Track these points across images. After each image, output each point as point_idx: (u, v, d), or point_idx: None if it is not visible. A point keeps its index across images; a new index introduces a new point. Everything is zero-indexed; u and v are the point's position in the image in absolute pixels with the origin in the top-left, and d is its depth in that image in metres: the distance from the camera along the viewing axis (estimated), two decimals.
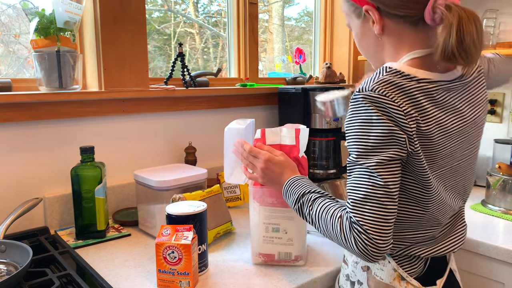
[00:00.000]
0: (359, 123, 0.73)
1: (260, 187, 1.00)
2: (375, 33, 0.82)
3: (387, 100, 0.71)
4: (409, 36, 0.80)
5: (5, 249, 0.98)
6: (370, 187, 0.71)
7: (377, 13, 0.80)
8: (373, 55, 0.88)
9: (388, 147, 0.71)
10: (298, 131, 1.02)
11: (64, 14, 1.20)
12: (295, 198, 0.87)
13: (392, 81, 0.73)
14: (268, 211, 1.00)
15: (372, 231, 0.70)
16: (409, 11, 0.77)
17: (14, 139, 1.21)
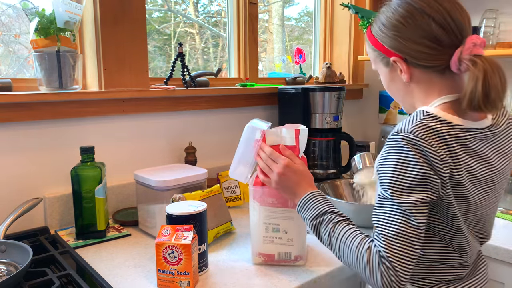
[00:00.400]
0: (396, 162, 0.75)
1: (260, 187, 1.00)
2: (403, 80, 0.86)
3: (425, 143, 0.73)
4: (437, 83, 0.84)
5: (5, 249, 0.98)
6: (403, 225, 0.74)
7: (404, 64, 0.83)
8: (403, 99, 0.92)
9: (422, 189, 0.73)
10: (298, 131, 1.02)
11: (64, 14, 1.20)
12: (315, 214, 0.87)
13: (429, 125, 0.75)
14: (268, 211, 1.00)
15: (400, 269, 0.72)
16: (435, 62, 0.81)
17: (14, 139, 1.21)
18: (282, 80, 2.04)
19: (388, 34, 0.84)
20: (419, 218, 0.73)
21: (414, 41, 0.81)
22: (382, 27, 0.86)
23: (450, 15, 0.79)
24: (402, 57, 0.83)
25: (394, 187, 0.75)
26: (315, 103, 1.64)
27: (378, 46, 0.88)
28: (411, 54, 0.82)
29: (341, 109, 1.67)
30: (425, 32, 0.79)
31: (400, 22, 0.82)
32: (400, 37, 0.82)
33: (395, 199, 0.74)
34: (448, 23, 0.79)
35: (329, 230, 0.84)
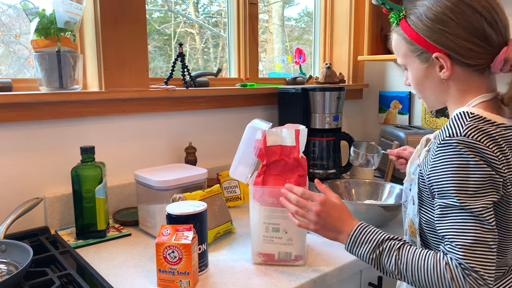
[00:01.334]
0: (456, 168, 0.73)
1: (260, 187, 1.00)
2: (439, 77, 0.84)
3: (482, 146, 0.73)
4: (475, 82, 0.83)
5: (5, 249, 0.98)
6: (478, 231, 0.72)
7: (449, 60, 0.81)
8: (434, 97, 0.89)
9: (489, 191, 0.73)
10: (298, 132, 1.02)
11: (65, 14, 1.20)
12: (372, 246, 0.82)
13: (480, 127, 0.75)
14: (268, 211, 1.00)
15: (487, 275, 0.71)
16: (480, 61, 0.80)
17: (15, 139, 1.22)
18: (282, 80, 2.04)
19: (434, 28, 0.80)
20: (491, 221, 0.73)
21: (464, 38, 0.78)
22: (426, 20, 0.81)
23: (497, 14, 0.78)
24: (447, 53, 0.80)
25: (461, 193, 0.73)
26: (315, 103, 1.64)
27: (419, 40, 0.83)
28: (459, 51, 0.79)
29: (341, 109, 1.67)
30: (476, 30, 0.77)
31: (449, 17, 0.78)
32: (448, 33, 0.79)
33: (465, 205, 0.73)
34: (496, 22, 0.78)
35: (394, 258, 0.79)
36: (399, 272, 0.79)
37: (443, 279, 0.73)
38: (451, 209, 0.75)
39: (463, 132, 0.74)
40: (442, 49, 0.80)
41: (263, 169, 1.03)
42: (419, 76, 0.88)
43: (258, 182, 1.01)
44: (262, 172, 1.02)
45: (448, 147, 0.75)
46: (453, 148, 0.74)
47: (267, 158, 1.02)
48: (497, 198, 0.74)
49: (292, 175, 1.01)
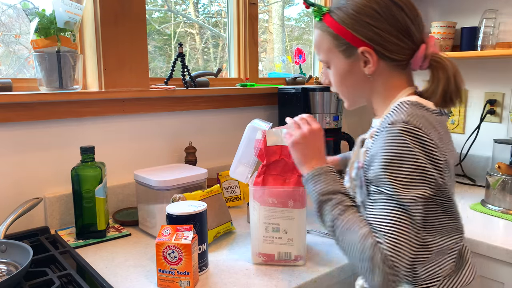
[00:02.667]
0: (393, 154, 0.73)
1: (260, 187, 1.00)
2: (363, 72, 0.84)
3: (422, 133, 0.73)
4: (398, 77, 0.84)
5: (5, 249, 0.98)
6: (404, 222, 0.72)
7: (375, 55, 0.81)
8: (358, 94, 0.89)
9: (419, 185, 0.72)
10: None
11: (65, 14, 1.20)
12: (326, 189, 0.81)
13: (421, 114, 0.76)
14: (268, 211, 1.00)
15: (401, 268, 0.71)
16: (403, 56, 0.81)
17: (14, 139, 1.21)
18: (282, 80, 2.04)
19: (360, 22, 0.80)
20: (418, 215, 0.72)
21: (390, 32, 0.79)
22: (352, 14, 0.81)
23: (416, 11, 0.81)
24: (373, 47, 0.80)
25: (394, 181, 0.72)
26: (315, 103, 1.64)
27: (344, 34, 0.82)
28: (385, 45, 0.80)
29: (341, 109, 1.67)
30: (401, 25, 0.79)
31: (376, 10, 0.79)
32: (374, 26, 0.79)
33: (394, 193, 0.72)
34: (416, 19, 0.81)
35: (337, 212, 0.78)
36: (332, 226, 0.78)
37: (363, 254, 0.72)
38: (381, 196, 0.74)
39: (405, 119, 0.73)
40: (368, 43, 0.80)
41: (263, 169, 1.03)
42: (343, 71, 0.86)
43: (258, 182, 1.01)
44: (262, 172, 1.02)
45: (389, 133, 0.73)
46: (394, 134, 0.73)
47: (267, 158, 1.02)
48: (428, 194, 0.73)
49: (292, 175, 1.01)
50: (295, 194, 0.99)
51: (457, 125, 1.91)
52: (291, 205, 0.99)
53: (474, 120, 1.85)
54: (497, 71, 1.75)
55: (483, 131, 1.81)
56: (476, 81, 1.82)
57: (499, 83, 1.75)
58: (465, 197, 1.58)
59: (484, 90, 1.80)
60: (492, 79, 1.77)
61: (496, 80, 1.76)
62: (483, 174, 1.78)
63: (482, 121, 1.78)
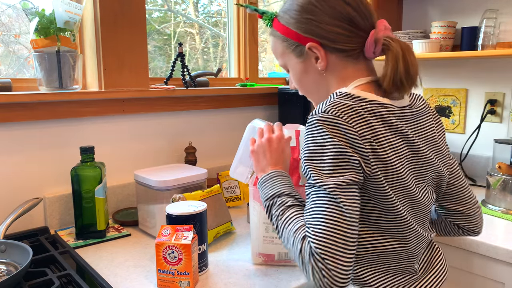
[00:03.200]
0: (313, 146, 0.72)
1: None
2: (317, 69, 0.83)
3: (341, 121, 0.71)
4: (352, 69, 0.82)
5: (5, 249, 0.98)
6: (331, 212, 0.68)
7: (322, 49, 0.81)
8: (316, 91, 0.88)
9: (344, 171, 0.70)
10: (298, 132, 1.02)
11: (64, 14, 1.20)
12: (272, 192, 0.82)
13: (345, 103, 0.73)
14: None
15: (331, 261, 0.65)
16: (352, 45, 0.80)
17: (14, 139, 1.21)
18: (282, 80, 2.04)
19: (302, 20, 0.81)
20: (345, 201, 0.67)
21: (331, 23, 0.79)
22: (293, 13, 0.82)
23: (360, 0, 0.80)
24: (319, 42, 0.80)
25: (315, 171, 0.71)
26: None
27: (290, 35, 0.83)
28: (328, 36, 0.80)
29: None
30: (340, 14, 0.79)
31: (313, 5, 0.80)
32: (315, 21, 0.80)
33: (318, 183, 0.70)
34: (359, 7, 0.80)
35: (278, 213, 0.78)
36: (276, 228, 0.78)
37: (295, 249, 0.70)
38: (309, 188, 0.72)
39: (324, 109, 0.72)
40: (312, 38, 0.81)
41: None
42: (298, 72, 0.87)
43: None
44: None
45: (309, 125, 0.73)
46: (312, 125, 0.72)
47: None
48: (356, 178, 0.70)
49: (292, 175, 1.01)
50: None
51: (457, 125, 1.91)
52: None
53: (474, 120, 1.85)
54: (497, 71, 1.75)
55: (484, 131, 1.80)
56: (477, 81, 1.82)
57: (500, 83, 1.75)
58: None
59: (484, 90, 1.80)
60: (492, 79, 1.77)
61: (496, 80, 1.76)
62: (483, 174, 1.77)
63: (482, 121, 1.78)
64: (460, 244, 1.23)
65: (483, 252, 1.18)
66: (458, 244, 1.23)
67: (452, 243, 1.25)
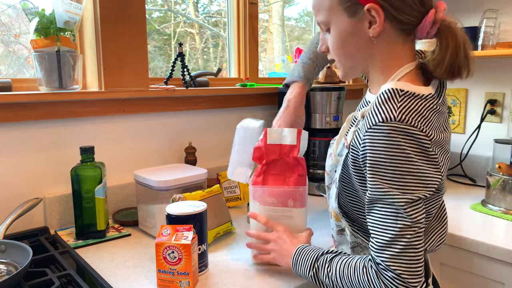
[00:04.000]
0: (385, 157, 0.68)
1: (260, 187, 1.00)
2: (367, 35, 0.76)
3: (416, 131, 0.68)
4: (401, 46, 0.78)
5: (5, 249, 0.98)
6: (400, 227, 0.68)
7: (382, 13, 0.73)
8: (357, 61, 0.82)
9: (416, 187, 0.68)
10: (300, 131, 1.02)
11: (64, 14, 1.20)
12: (310, 263, 0.82)
13: (412, 108, 0.69)
14: (268, 211, 1.00)
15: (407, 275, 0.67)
16: (412, 19, 0.74)
17: (14, 139, 1.21)
18: (282, 80, 2.03)
19: None
20: (416, 217, 0.68)
21: None
22: None
23: None
24: (381, 4, 0.73)
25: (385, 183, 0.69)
26: (315, 103, 1.64)
27: None
28: (394, 2, 0.73)
29: (341, 109, 1.66)
30: None
31: None
32: None
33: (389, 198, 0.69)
34: None
35: (328, 272, 0.78)
36: (333, 285, 0.78)
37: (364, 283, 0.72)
38: (375, 202, 0.71)
39: (397, 116, 0.68)
40: (376, 0, 0.73)
41: (262, 168, 1.02)
42: (345, 32, 0.78)
43: (258, 181, 1.01)
44: (262, 172, 1.02)
45: (379, 133, 0.68)
46: (385, 135, 0.68)
47: (266, 156, 1.02)
48: (428, 194, 0.69)
49: (292, 174, 1.01)
50: (295, 193, 0.99)
51: (457, 125, 1.91)
52: (291, 204, 0.99)
53: (474, 120, 1.85)
54: (497, 71, 1.75)
55: (484, 131, 1.80)
56: (477, 81, 1.82)
57: (500, 83, 1.75)
58: (465, 197, 1.58)
59: (484, 90, 1.80)
60: (492, 79, 1.77)
61: (496, 80, 1.76)
62: (483, 174, 1.77)
63: (482, 121, 1.78)
64: (460, 244, 1.23)
65: (483, 252, 1.18)
66: (458, 244, 1.23)
67: (453, 243, 1.25)
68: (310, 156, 1.68)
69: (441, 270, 1.31)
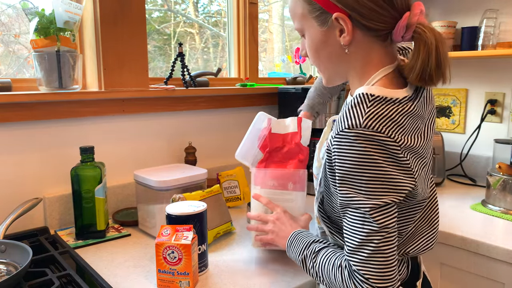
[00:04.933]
0: (351, 164, 0.68)
1: (262, 169, 1.03)
2: (339, 43, 0.76)
3: (382, 136, 0.67)
4: (378, 51, 0.76)
5: (5, 249, 0.98)
6: (367, 232, 0.68)
7: (350, 22, 0.73)
8: (334, 68, 0.81)
9: (385, 192, 0.67)
10: (300, 119, 1.07)
11: (64, 14, 1.20)
12: (300, 248, 0.85)
13: (382, 113, 0.68)
14: (268, 194, 1.03)
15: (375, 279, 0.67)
16: (382, 25, 0.73)
17: (14, 139, 1.21)
18: (282, 80, 2.04)
19: None
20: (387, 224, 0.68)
21: None
22: None
23: None
24: (348, 13, 0.72)
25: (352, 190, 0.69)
26: None
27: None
28: (360, 10, 0.72)
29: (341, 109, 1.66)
30: None
31: None
32: None
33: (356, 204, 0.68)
34: None
35: (313, 261, 0.80)
36: (317, 275, 0.80)
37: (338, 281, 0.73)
38: (346, 207, 0.71)
39: (363, 123, 0.66)
40: (342, 9, 0.72)
41: (265, 155, 1.05)
42: (317, 41, 0.78)
43: (261, 166, 1.05)
44: (265, 159, 1.05)
45: (345, 139, 0.68)
46: (351, 142, 0.67)
47: (270, 144, 1.05)
48: (397, 199, 0.68)
49: (293, 160, 1.03)
50: (295, 176, 1.01)
51: (457, 125, 1.91)
52: (291, 187, 1.01)
53: (474, 120, 1.85)
54: (497, 71, 1.75)
55: (484, 131, 1.80)
56: (477, 81, 1.82)
57: (500, 83, 1.75)
58: (465, 197, 1.58)
59: (484, 90, 1.80)
60: (492, 79, 1.77)
61: (496, 80, 1.76)
62: (483, 174, 1.77)
63: (482, 121, 1.78)
64: (460, 244, 1.23)
65: (483, 252, 1.18)
66: (458, 244, 1.23)
67: (453, 243, 1.25)
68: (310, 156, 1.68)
69: (441, 270, 1.31)
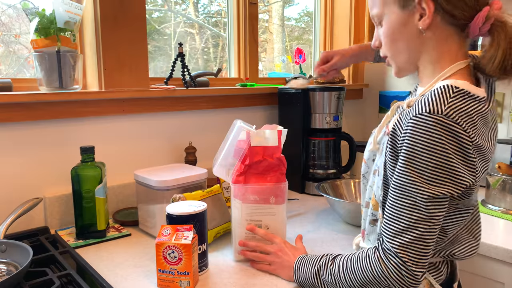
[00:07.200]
0: (421, 147, 0.69)
1: (242, 185, 1.01)
2: (417, 28, 0.76)
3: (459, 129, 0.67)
4: (453, 43, 0.77)
5: (5, 249, 0.98)
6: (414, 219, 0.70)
7: (433, 5, 0.73)
8: (407, 55, 0.81)
9: (445, 182, 0.69)
10: (280, 132, 1.05)
11: (65, 14, 1.20)
12: (311, 266, 0.87)
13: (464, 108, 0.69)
14: (250, 208, 1.02)
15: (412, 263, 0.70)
16: (464, 14, 0.73)
17: (14, 139, 1.21)
18: (282, 80, 2.04)
19: None
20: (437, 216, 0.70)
21: None
22: None
23: None
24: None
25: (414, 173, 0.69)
26: (315, 103, 1.64)
27: None
28: None
29: (341, 109, 1.67)
30: None
31: None
32: None
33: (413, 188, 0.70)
34: None
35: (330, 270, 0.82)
36: (338, 282, 0.81)
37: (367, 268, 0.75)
38: (398, 188, 0.72)
39: (445, 111, 0.68)
40: None
41: (245, 168, 1.03)
42: (395, 25, 0.79)
43: (240, 180, 1.02)
44: (244, 171, 1.03)
45: (423, 123, 0.69)
46: (428, 126, 0.68)
47: (250, 158, 1.03)
48: (455, 193, 0.70)
49: (274, 173, 1.03)
50: (276, 190, 1.01)
51: None
52: (272, 201, 1.01)
53: None
54: None
55: None
56: None
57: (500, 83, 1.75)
58: None
59: None
60: None
61: None
62: None
63: None
64: None
65: (483, 252, 1.18)
66: None
67: None
68: (310, 156, 1.68)
69: None
